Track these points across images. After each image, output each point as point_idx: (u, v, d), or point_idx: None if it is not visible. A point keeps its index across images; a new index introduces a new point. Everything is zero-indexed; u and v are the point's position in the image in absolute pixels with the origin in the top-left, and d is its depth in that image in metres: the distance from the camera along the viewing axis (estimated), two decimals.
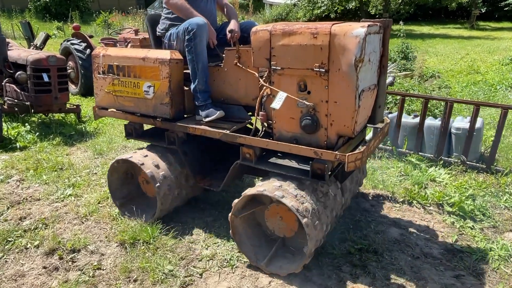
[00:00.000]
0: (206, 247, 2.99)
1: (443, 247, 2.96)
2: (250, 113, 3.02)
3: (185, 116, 3.18)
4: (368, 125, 2.87)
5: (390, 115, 4.54)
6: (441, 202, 3.48)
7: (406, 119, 4.36)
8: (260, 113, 2.70)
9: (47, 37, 8.59)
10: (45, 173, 4.24)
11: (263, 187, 2.58)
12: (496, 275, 2.65)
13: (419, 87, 5.77)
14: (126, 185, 3.45)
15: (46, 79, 5.39)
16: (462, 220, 3.26)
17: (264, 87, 2.63)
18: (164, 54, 2.92)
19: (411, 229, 3.19)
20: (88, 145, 5.20)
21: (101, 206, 3.56)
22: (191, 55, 2.86)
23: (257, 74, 2.69)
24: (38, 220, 3.33)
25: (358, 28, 2.21)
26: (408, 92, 5.19)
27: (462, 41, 18.44)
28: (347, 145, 2.62)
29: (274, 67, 2.50)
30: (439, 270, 2.70)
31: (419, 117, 4.24)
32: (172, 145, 3.14)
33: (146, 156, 3.14)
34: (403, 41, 8.95)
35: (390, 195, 3.66)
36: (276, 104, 2.51)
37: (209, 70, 2.98)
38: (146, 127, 3.56)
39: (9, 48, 5.93)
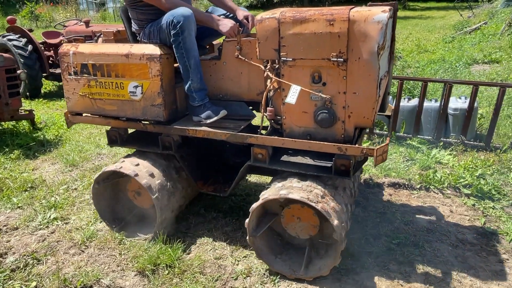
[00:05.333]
0: (237, 262, 2.69)
1: (474, 231, 2.95)
2: (251, 108, 2.77)
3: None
4: (378, 113, 2.76)
5: None
6: (457, 185, 3.48)
7: (402, 102, 4.33)
8: (268, 108, 2.45)
9: None
10: (14, 195, 3.60)
11: (266, 194, 2.41)
12: None
13: (395, 69, 5.81)
14: (116, 203, 3.05)
15: None
16: (481, 201, 3.29)
17: (271, 80, 2.37)
18: (153, 49, 2.53)
19: (437, 216, 3.15)
20: (55, 156, 4.54)
21: (97, 229, 3.08)
22: (180, 51, 2.48)
23: (263, 67, 2.43)
24: (25, 255, 2.79)
25: (380, 13, 2.05)
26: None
27: (400, 21, 19.32)
28: (362, 136, 2.49)
29: (285, 58, 2.27)
30: (482, 257, 2.67)
31: (415, 100, 4.23)
32: (167, 150, 2.78)
33: (123, 161, 2.81)
34: None
35: (406, 183, 3.60)
36: (291, 98, 2.30)
37: (204, 64, 2.64)
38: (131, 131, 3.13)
39: None
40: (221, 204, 3.38)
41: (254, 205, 2.41)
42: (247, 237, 2.48)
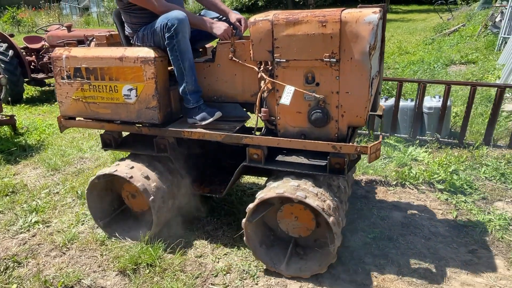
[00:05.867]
0: (217, 260, 2.75)
1: (446, 224, 3.06)
2: (245, 109, 2.79)
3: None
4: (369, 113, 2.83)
5: None
6: (431, 181, 3.61)
7: (380, 102, 4.45)
8: (262, 109, 2.50)
9: None
10: None
11: (281, 189, 2.39)
12: (503, 244, 2.80)
13: None
14: (107, 201, 3.04)
15: None
16: (454, 195, 3.41)
17: (265, 81, 2.42)
18: (147, 52, 2.54)
19: (412, 211, 3.26)
20: (37, 160, 4.53)
21: (79, 231, 3.10)
22: (175, 54, 2.51)
23: (256, 69, 2.47)
24: (5, 258, 2.79)
25: (371, 14, 2.11)
26: None
27: None
28: (355, 135, 2.55)
29: (278, 60, 2.32)
30: (453, 248, 2.78)
31: (393, 100, 4.36)
32: (162, 152, 2.79)
33: (133, 167, 2.77)
34: None
35: (382, 179, 3.71)
36: (285, 99, 2.34)
37: (198, 67, 2.67)
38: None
39: None
40: (203, 204, 3.43)
41: (265, 196, 2.38)
42: (243, 220, 2.48)
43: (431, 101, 4.31)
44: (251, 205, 2.46)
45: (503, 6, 10.15)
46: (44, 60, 7.30)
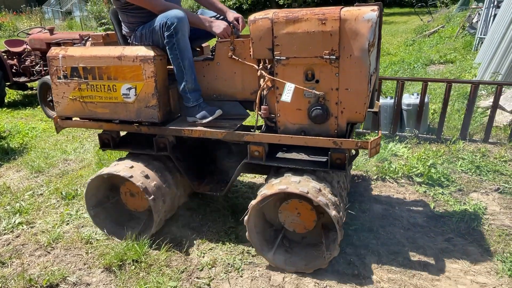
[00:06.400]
0: (203, 254, 2.79)
1: (424, 215, 3.17)
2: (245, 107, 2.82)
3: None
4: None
5: None
6: (410, 175, 3.72)
7: None
8: (262, 107, 2.52)
9: None
10: None
11: (305, 187, 2.35)
12: (477, 232, 2.92)
13: None
14: (102, 191, 3.03)
15: None
16: (432, 187, 3.54)
17: (264, 79, 2.44)
18: (146, 50, 2.54)
19: (392, 203, 3.36)
20: (20, 163, 4.50)
21: (64, 231, 3.10)
22: (174, 52, 2.50)
23: (256, 66, 2.48)
24: None
25: (369, 12, 2.15)
26: None
27: None
28: (353, 131, 2.59)
29: (278, 57, 2.34)
30: (431, 237, 2.89)
31: None
32: (162, 151, 2.80)
33: (147, 176, 2.75)
34: None
35: (364, 174, 3.82)
36: (286, 96, 2.36)
37: (198, 65, 2.67)
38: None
39: None
40: (189, 201, 3.46)
41: (286, 189, 2.37)
42: (253, 202, 2.47)
43: (410, 98, 4.45)
44: (268, 192, 2.43)
45: (479, 8, 10.48)
46: (26, 63, 7.23)
